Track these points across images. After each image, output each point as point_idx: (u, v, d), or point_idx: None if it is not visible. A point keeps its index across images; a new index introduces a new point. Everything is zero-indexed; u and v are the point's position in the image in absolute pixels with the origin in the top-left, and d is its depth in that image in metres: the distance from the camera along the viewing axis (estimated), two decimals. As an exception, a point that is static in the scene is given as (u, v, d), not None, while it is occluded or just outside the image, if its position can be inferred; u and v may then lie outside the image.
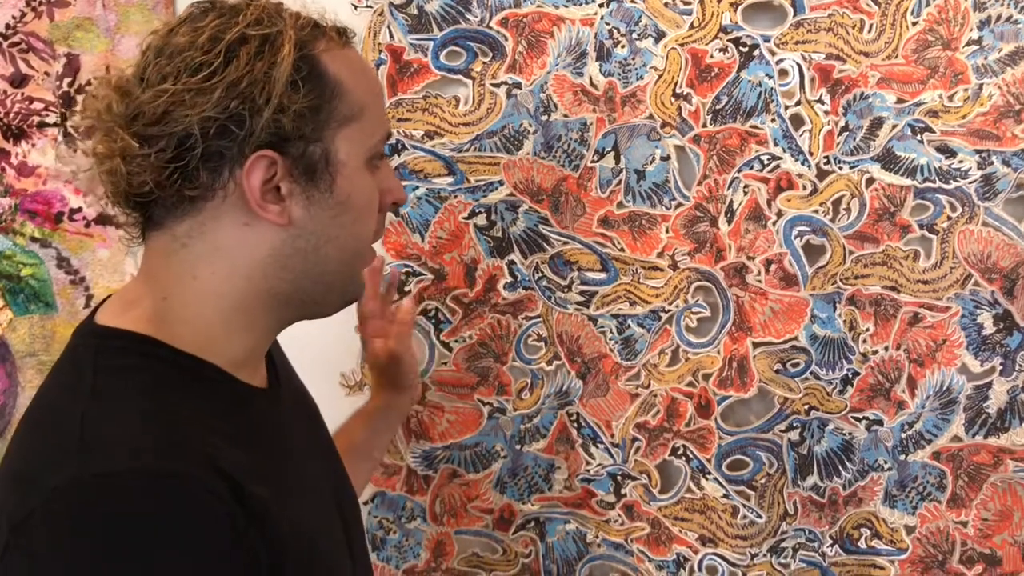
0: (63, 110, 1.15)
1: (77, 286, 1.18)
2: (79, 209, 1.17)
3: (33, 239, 1.17)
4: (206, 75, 0.62)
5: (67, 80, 1.15)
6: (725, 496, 1.15)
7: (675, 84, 1.10)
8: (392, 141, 1.13)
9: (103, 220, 1.17)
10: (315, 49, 0.66)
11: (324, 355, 1.11)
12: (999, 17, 1.05)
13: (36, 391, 0.68)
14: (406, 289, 1.15)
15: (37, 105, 1.15)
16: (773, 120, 1.09)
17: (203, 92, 0.61)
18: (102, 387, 0.62)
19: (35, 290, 1.18)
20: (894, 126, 1.08)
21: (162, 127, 0.62)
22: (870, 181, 1.09)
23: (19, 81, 1.15)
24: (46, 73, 1.15)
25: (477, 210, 1.13)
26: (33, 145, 1.16)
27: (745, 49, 1.08)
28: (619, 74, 1.10)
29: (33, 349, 1.18)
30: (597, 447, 1.16)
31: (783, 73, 1.08)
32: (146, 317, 0.66)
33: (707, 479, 1.15)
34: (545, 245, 1.13)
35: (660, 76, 1.10)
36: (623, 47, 1.10)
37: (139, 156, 0.62)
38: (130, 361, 0.64)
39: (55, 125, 1.16)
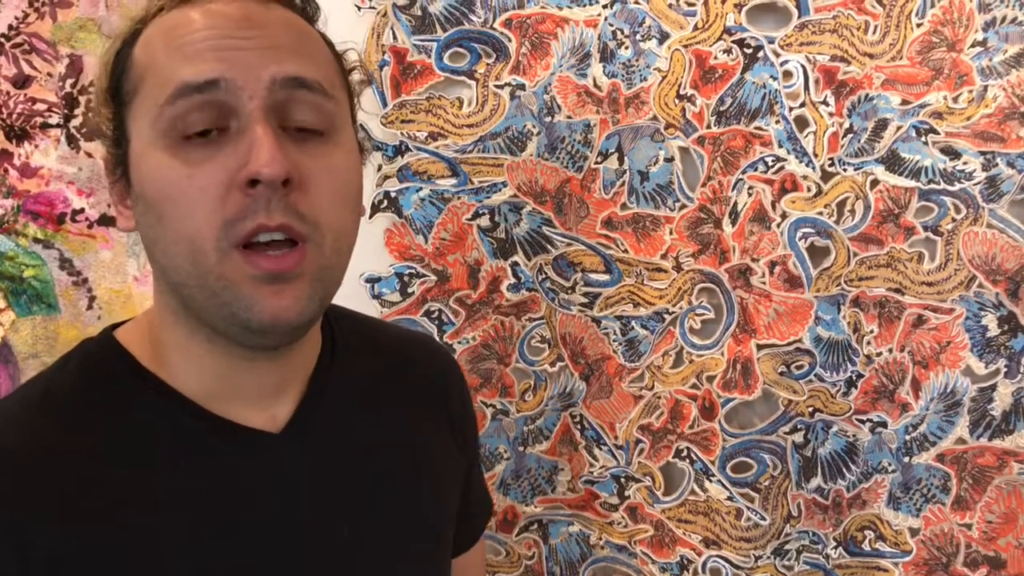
0: (66, 111, 1.15)
1: (80, 287, 1.18)
2: (82, 210, 1.16)
3: (36, 240, 1.17)
4: None
5: (70, 81, 1.15)
6: (729, 498, 1.14)
7: (679, 85, 1.10)
8: (396, 142, 1.12)
9: (106, 221, 1.17)
10: (146, 24, 0.59)
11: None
12: (1004, 19, 1.05)
13: None
14: (409, 291, 1.15)
15: (40, 106, 1.15)
16: (777, 122, 1.09)
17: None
18: (24, 387, 0.63)
19: (38, 291, 1.17)
20: (899, 128, 1.07)
21: None
22: (874, 183, 1.08)
23: (22, 82, 1.14)
24: (49, 74, 1.15)
25: (480, 211, 1.13)
26: (36, 146, 1.15)
27: (749, 50, 1.08)
28: (623, 75, 1.10)
29: (35, 350, 1.18)
30: (601, 449, 1.16)
31: (787, 74, 1.08)
32: (141, 325, 0.65)
33: (711, 481, 1.14)
34: (548, 246, 1.13)
35: (664, 77, 1.10)
36: (627, 48, 1.10)
37: None
38: (72, 366, 0.63)
39: (58, 126, 1.15)
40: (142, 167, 0.56)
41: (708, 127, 1.10)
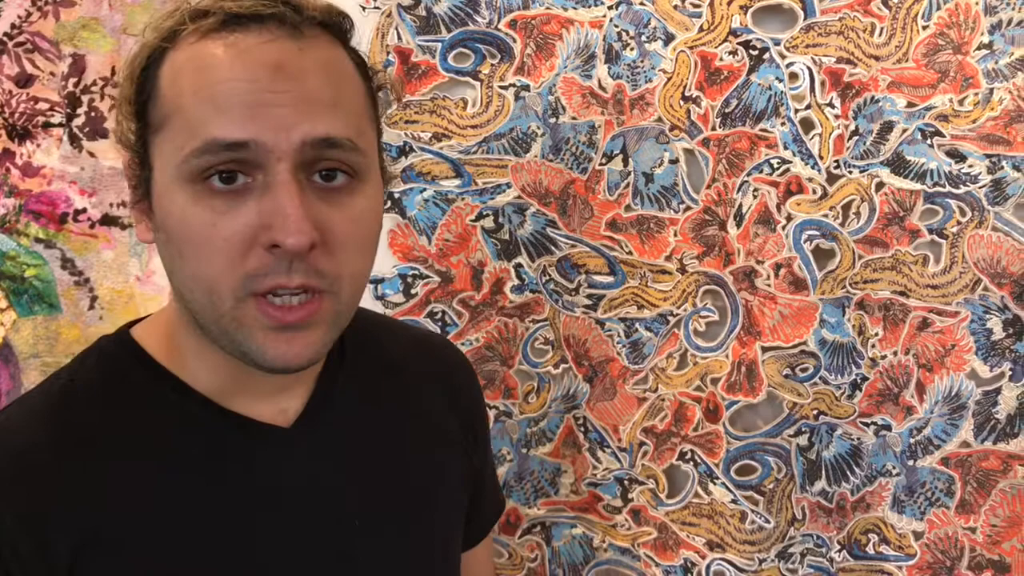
0: (68, 111, 1.15)
1: (81, 287, 1.17)
2: (84, 210, 1.16)
3: (37, 240, 1.16)
4: None
5: (72, 80, 1.14)
6: (733, 501, 1.14)
7: (684, 87, 1.09)
8: (400, 143, 1.12)
9: (108, 221, 1.16)
10: (172, 45, 0.58)
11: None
12: (1010, 21, 1.05)
13: None
14: (412, 292, 1.14)
15: (42, 105, 1.14)
16: (783, 124, 1.08)
17: None
18: (44, 383, 0.64)
19: (39, 291, 1.17)
20: (904, 130, 1.07)
21: None
22: (880, 185, 1.08)
23: (24, 81, 1.14)
24: (51, 73, 1.14)
25: (484, 212, 1.13)
26: (38, 145, 1.15)
27: (755, 52, 1.08)
28: (628, 76, 1.10)
29: (37, 350, 1.18)
30: (604, 451, 1.15)
31: (793, 76, 1.08)
32: (158, 322, 0.67)
33: (715, 484, 1.14)
34: (552, 248, 1.13)
35: (669, 79, 1.09)
36: (632, 49, 1.09)
37: None
38: (90, 362, 0.64)
39: (60, 125, 1.15)
40: (164, 204, 0.57)
41: (713, 129, 1.09)
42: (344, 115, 0.58)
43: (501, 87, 1.11)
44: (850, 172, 1.08)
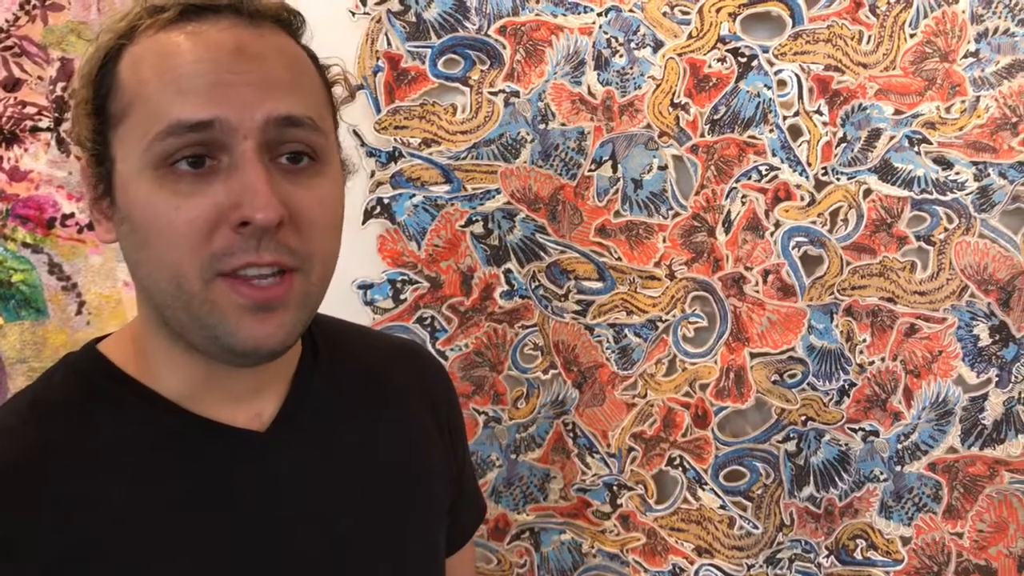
0: (56, 115, 1.14)
1: (69, 292, 1.17)
2: (72, 215, 1.16)
3: (25, 245, 1.16)
4: None
5: (60, 85, 1.14)
6: (722, 507, 1.14)
7: (673, 94, 1.10)
8: (389, 149, 1.12)
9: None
10: (130, 41, 0.58)
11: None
12: (996, 30, 1.06)
13: None
14: (402, 297, 1.14)
15: (30, 110, 1.14)
16: (771, 130, 1.09)
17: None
18: (10, 401, 0.64)
19: (26, 296, 1.16)
20: (891, 137, 1.08)
21: None
22: (867, 192, 1.09)
23: (12, 85, 1.13)
24: (39, 77, 1.14)
25: (474, 218, 1.13)
26: (25, 150, 1.14)
27: (743, 59, 1.08)
28: (617, 83, 1.10)
29: (24, 356, 1.17)
30: (593, 457, 1.15)
31: (781, 84, 1.08)
32: (124, 335, 0.66)
33: (704, 489, 1.14)
34: (542, 254, 1.13)
35: (658, 85, 1.10)
36: (621, 56, 1.10)
37: None
38: (56, 378, 0.64)
39: (48, 130, 1.14)
40: (129, 193, 0.57)
41: (702, 135, 1.10)
42: (304, 96, 0.59)
43: (491, 93, 1.11)
44: (838, 179, 1.09)
